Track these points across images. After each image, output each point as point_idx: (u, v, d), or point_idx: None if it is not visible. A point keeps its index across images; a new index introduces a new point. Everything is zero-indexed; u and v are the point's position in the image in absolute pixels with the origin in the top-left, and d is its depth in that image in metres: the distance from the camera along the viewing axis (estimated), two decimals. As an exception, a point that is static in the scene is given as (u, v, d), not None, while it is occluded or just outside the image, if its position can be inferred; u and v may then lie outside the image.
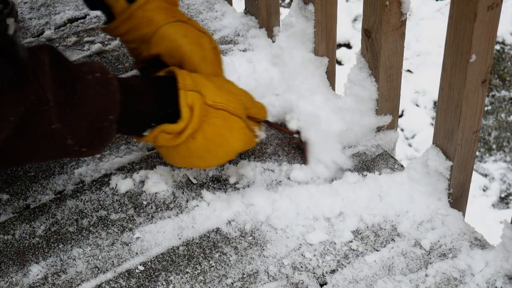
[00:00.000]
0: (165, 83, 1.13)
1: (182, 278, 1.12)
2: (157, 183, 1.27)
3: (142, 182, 1.27)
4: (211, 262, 1.14)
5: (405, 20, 1.19)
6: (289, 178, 1.26)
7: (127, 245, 1.17)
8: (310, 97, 1.36)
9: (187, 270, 1.13)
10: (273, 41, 1.54)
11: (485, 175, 2.36)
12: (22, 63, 0.88)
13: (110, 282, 1.12)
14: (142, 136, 1.12)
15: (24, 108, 0.89)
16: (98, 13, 1.68)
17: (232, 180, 1.27)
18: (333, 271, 1.12)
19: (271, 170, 1.28)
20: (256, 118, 1.22)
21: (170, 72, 1.15)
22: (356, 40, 2.78)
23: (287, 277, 1.11)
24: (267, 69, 1.44)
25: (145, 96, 1.10)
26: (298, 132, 1.29)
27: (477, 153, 2.40)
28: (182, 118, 1.10)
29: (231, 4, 1.70)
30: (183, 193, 1.25)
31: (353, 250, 1.15)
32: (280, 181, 1.26)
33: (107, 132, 1.03)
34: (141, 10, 1.20)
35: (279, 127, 1.32)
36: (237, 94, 1.18)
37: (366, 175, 1.26)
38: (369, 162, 1.29)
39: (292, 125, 1.30)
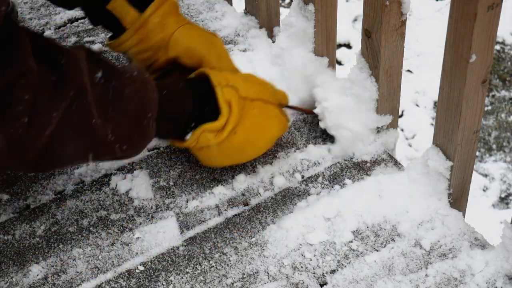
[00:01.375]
0: (198, 82, 1.16)
1: (182, 278, 1.12)
2: (157, 183, 1.27)
3: (142, 182, 1.27)
4: (211, 262, 1.14)
5: (405, 20, 1.19)
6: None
7: (127, 245, 1.17)
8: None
9: (187, 270, 1.13)
10: (273, 41, 1.54)
11: (485, 175, 2.36)
12: (61, 61, 0.91)
13: (110, 282, 1.12)
14: (184, 140, 1.14)
15: (66, 104, 0.91)
16: (98, 13, 1.68)
17: (232, 180, 1.27)
18: (333, 271, 1.12)
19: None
20: (282, 103, 1.27)
21: (199, 74, 1.17)
22: (356, 40, 2.78)
23: (287, 277, 1.11)
24: (267, 69, 1.44)
25: (181, 95, 1.12)
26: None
27: (477, 153, 2.40)
28: (223, 113, 1.13)
29: (231, 4, 1.70)
30: (183, 193, 1.25)
31: (353, 250, 1.15)
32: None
33: (147, 130, 1.04)
34: (154, 16, 1.23)
35: (301, 108, 1.36)
36: (264, 84, 1.23)
37: (366, 175, 1.26)
38: (369, 162, 1.29)
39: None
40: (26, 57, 0.87)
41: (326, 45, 1.39)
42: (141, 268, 1.14)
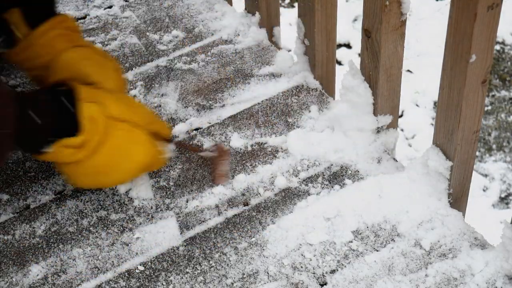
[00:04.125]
0: (63, 95, 1.10)
1: (182, 278, 1.12)
2: (157, 183, 1.27)
3: (142, 182, 1.27)
4: (211, 262, 1.14)
5: (405, 20, 1.19)
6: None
7: (127, 245, 1.17)
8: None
9: (187, 270, 1.13)
10: (274, 41, 1.54)
11: (485, 175, 2.36)
12: None
13: (110, 282, 1.12)
14: (42, 153, 1.09)
15: None
16: (98, 13, 1.68)
17: (232, 180, 1.27)
18: (333, 271, 1.12)
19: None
20: (160, 135, 1.21)
21: (66, 84, 1.12)
22: (356, 40, 2.77)
23: (287, 277, 1.11)
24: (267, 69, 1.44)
25: (42, 108, 1.08)
26: (211, 149, 1.28)
27: (477, 153, 2.40)
28: (82, 130, 1.08)
29: (231, 4, 1.70)
30: (183, 193, 1.25)
31: (353, 250, 1.15)
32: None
33: (2, 145, 1.01)
34: (42, 38, 1.21)
35: (189, 146, 1.30)
36: (138, 108, 1.18)
37: (366, 175, 1.26)
38: (368, 162, 1.29)
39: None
40: None
41: (326, 45, 1.39)
42: (141, 268, 1.14)
